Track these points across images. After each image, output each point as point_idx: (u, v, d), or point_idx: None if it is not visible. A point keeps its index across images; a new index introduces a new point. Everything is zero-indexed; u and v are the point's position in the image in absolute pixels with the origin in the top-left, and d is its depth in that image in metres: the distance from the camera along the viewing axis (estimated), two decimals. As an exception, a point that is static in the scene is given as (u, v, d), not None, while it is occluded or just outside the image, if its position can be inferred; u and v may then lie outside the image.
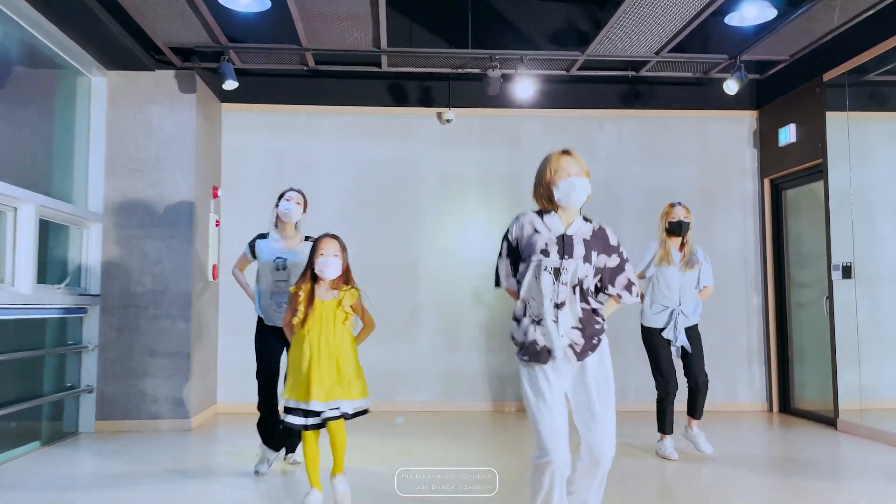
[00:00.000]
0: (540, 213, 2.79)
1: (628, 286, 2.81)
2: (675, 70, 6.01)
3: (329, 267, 3.41)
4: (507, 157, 6.79)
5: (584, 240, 2.71)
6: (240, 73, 6.43)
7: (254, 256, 4.32)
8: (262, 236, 4.35)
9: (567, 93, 6.74)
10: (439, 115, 6.73)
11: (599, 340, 2.74)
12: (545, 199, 2.79)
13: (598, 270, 2.73)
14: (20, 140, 4.87)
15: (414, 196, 6.74)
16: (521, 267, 2.74)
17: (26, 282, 4.47)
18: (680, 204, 4.83)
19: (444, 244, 6.72)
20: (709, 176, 6.89)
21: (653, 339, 4.73)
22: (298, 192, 4.42)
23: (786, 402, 6.59)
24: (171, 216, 5.65)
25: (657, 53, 5.46)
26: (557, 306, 2.64)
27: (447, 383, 6.64)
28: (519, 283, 2.74)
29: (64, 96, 5.45)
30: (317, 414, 3.34)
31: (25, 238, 4.48)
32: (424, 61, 5.86)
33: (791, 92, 6.28)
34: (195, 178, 5.72)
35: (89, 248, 5.52)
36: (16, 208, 4.47)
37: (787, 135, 6.30)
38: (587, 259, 2.68)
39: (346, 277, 3.52)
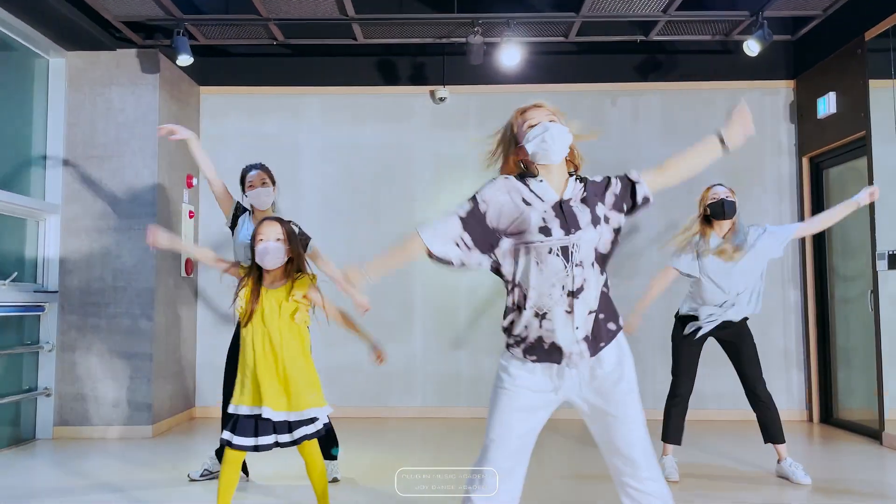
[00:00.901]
0: (522, 178, 2.16)
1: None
2: (691, 33, 5.25)
3: (269, 255, 2.88)
4: (507, 137, 6.14)
5: (583, 199, 2.14)
6: (216, 54, 6.03)
7: (234, 224, 3.81)
8: (245, 210, 3.85)
9: (574, 65, 6.06)
10: (432, 94, 6.15)
11: (619, 326, 2.18)
12: (515, 165, 2.22)
13: (613, 217, 2.18)
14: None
15: (406, 182, 6.18)
16: (508, 247, 2.11)
17: (-50, 277, 4.11)
18: (721, 185, 4.05)
19: (439, 234, 6.14)
20: (738, 155, 5.99)
21: (680, 333, 4.03)
22: (260, 168, 3.93)
23: (828, 412, 5.77)
24: (131, 206, 5.24)
25: (665, 12, 4.73)
26: (572, 294, 2.05)
27: (442, 387, 6.06)
28: (498, 269, 2.14)
29: (19, 79, 5.11)
30: (268, 431, 2.80)
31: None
32: (403, 30, 5.28)
33: (831, 55, 5.45)
34: (158, 164, 5.29)
35: (46, 242, 5.17)
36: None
37: (827, 105, 5.47)
38: (595, 221, 2.12)
39: (297, 266, 2.97)
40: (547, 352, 2.08)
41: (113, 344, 5.17)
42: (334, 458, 3.72)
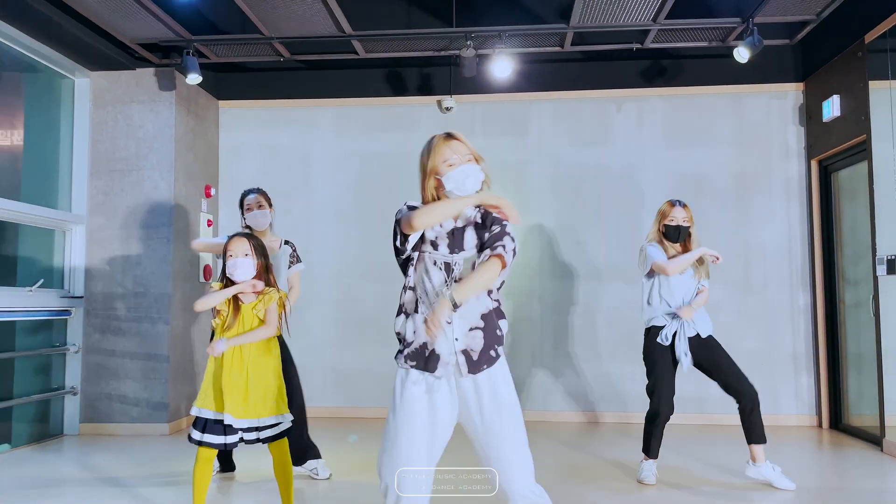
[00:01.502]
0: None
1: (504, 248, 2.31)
2: (686, 39, 5.28)
3: (238, 269, 3.12)
4: (513, 144, 6.27)
5: (476, 224, 2.35)
6: (231, 70, 6.31)
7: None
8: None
9: (579, 72, 6.14)
10: (439, 104, 6.31)
11: (498, 354, 2.31)
12: (433, 193, 2.41)
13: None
14: (4, 145, 4.93)
15: (414, 188, 6.31)
16: (408, 249, 2.33)
17: (-22, 285, 4.47)
18: (680, 203, 4.12)
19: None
20: (746, 158, 6.08)
21: (652, 348, 4.05)
22: (257, 193, 4.18)
23: (837, 417, 5.70)
24: (150, 216, 5.56)
25: (655, 20, 4.78)
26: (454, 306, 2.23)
27: (450, 389, 6.22)
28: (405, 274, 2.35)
29: (46, 99, 5.48)
30: (234, 431, 3.04)
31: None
32: (401, 45, 5.46)
33: (835, 58, 5.40)
34: (175, 176, 5.60)
35: (73, 251, 5.52)
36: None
37: (831, 108, 5.42)
38: (482, 248, 2.32)
39: (265, 279, 3.19)
40: (426, 358, 2.24)
41: (133, 346, 5.50)
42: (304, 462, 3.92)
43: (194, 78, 5.24)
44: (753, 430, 3.92)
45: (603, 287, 6.09)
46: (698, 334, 4.00)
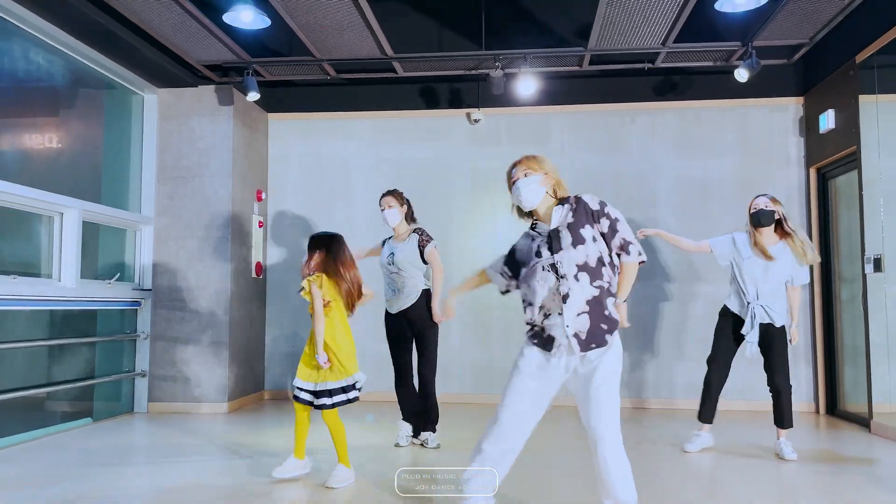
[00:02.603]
0: (532, 223, 2.98)
1: (624, 246, 2.80)
2: (692, 60, 5.84)
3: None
4: (536, 152, 6.80)
5: (569, 224, 2.80)
6: (277, 85, 6.95)
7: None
8: (389, 237, 4.88)
9: (595, 87, 6.71)
10: (468, 116, 6.92)
11: (610, 335, 2.76)
12: (514, 210, 3.04)
13: (597, 243, 2.78)
14: (80, 153, 5.60)
15: (446, 193, 6.97)
16: (522, 272, 2.90)
17: (70, 277, 5.14)
18: (765, 195, 4.65)
19: (474, 239, 6.90)
20: (750, 166, 6.62)
21: (720, 324, 4.69)
22: (386, 195, 4.78)
23: (833, 404, 6.22)
24: (210, 218, 6.22)
25: (664, 44, 5.36)
26: (563, 298, 2.73)
27: (477, 376, 6.81)
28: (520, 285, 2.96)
29: (120, 113, 6.17)
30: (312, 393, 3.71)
31: (70, 239, 5.15)
32: (436, 65, 6.07)
33: (830, 76, 5.93)
34: (233, 182, 6.26)
35: (142, 249, 6.19)
36: (62, 213, 5.15)
37: (827, 121, 5.95)
38: (577, 242, 2.74)
39: (310, 270, 3.80)
40: (545, 340, 2.80)
41: (195, 334, 6.15)
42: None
43: (253, 96, 5.89)
44: (776, 415, 4.60)
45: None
46: (772, 323, 4.51)
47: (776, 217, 4.52)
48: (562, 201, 2.90)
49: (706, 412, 4.72)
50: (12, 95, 4.91)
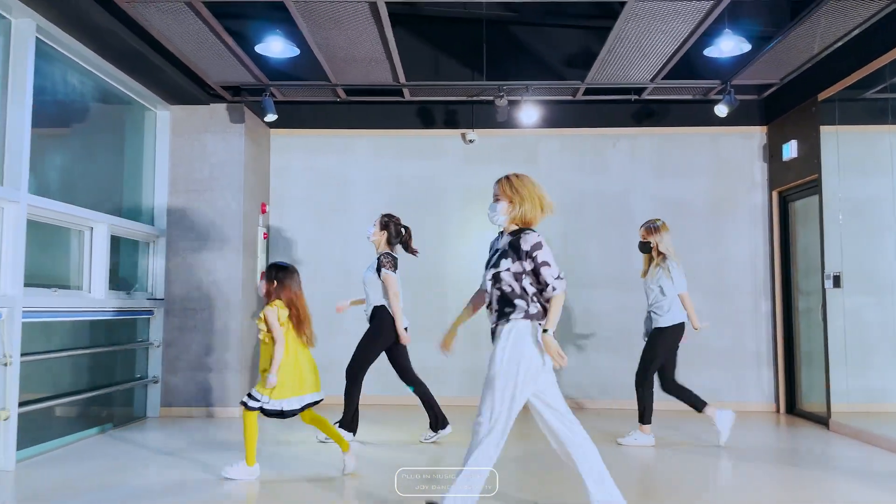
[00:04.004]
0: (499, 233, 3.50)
1: (544, 286, 3.20)
2: (675, 93, 6.45)
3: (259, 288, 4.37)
4: (525, 171, 7.31)
5: (499, 249, 3.30)
6: (284, 104, 7.26)
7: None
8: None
9: (582, 112, 7.26)
10: (463, 136, 7.38)
11: (508, 321, 3.22)
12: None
13: (516, 275, 3.23)
14: (100, 167, 5.82)
15: (440, 209, 7.41)
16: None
17: (100, 289, 5.37)
18: (644, 225, 5.53)
19: (467, 252, 7.35)
20: (720, 188, 7.28)
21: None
22: (377, 220, 5.46)
23: (792, 404, 6.92)
24: (222, 230, 6.50)
25: (653, 80, 5.93)
26: (488, 305, 3.36)
27: (469, 379, 7.27)
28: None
29: (134, 128, 6.39)
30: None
31: (99, 252, 5.38)
32: (442, 91, 6.52)
33: (792, 110, 6.62)
34: (244, 196, 6.55)
35: (155, 259, 6.43)
36: (92, 228, 5.37)
37: (790, 150, 6.64)
38: (494, 265, 3.27)
39: (266, 299, 4.25)
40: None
41: (206, 342, 6.42)
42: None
43: (271, 117, 6.21)
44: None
45: (600, 293, 7.22)
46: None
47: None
48: (515, 231, 3.27)
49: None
50: (38, 110, 5.11)
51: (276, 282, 4.21)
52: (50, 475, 4.29)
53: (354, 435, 5.24)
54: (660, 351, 5.34)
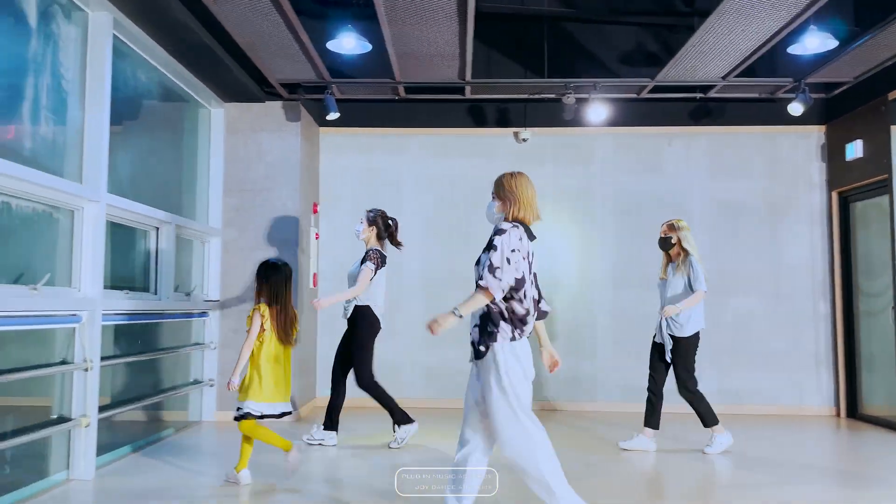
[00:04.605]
0: None
1: (481, 274, 2.97)
2: (742, 91, 6.34)
3: None
4: (578, 172, 7.26)
5: (486, 248, 3.08)
6: (338, 102, 7.13)
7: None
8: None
9: (637, 111, 7.14)
10: (515, 135, 7.25)
11: (487, 348, 2.94)
12: None
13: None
14: (157, 166, 5.68)
15: (493, 210, 7.26)
16: None
17: (166, 290, 5.23)
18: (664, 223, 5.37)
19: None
20: (776, 188, 7.17)
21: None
22: (363, 217, 5.28)
23: (853, 408, 6.81)
24: (278, 231, 6.36)
25: (724, 78, 5.82)
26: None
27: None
28: None
29: (189, 126, 6.25)
30: None
31: (166, 253, 5.25)
32: (505, 89, 6.40)
33: (857, 109, 6.52)
34: (299, 196, 6.42)
35: (210, 260, 6.29)
36: (157, 228, 5.23)
37: (854, 150, 6.54)
38: (477, 261, 3.11)
39: (256, 299, 4.17)
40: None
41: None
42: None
43: (333, 115, 6.07)
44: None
45: (653, 295, 7.08)
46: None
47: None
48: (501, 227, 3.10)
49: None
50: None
51: (264, 281, 4.11)
52: (130, 484, 4.15)
53: (413, 422, 5.18)
54: (691, 359, 5.18)
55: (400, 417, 5.14)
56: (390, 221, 5.32)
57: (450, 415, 6.54)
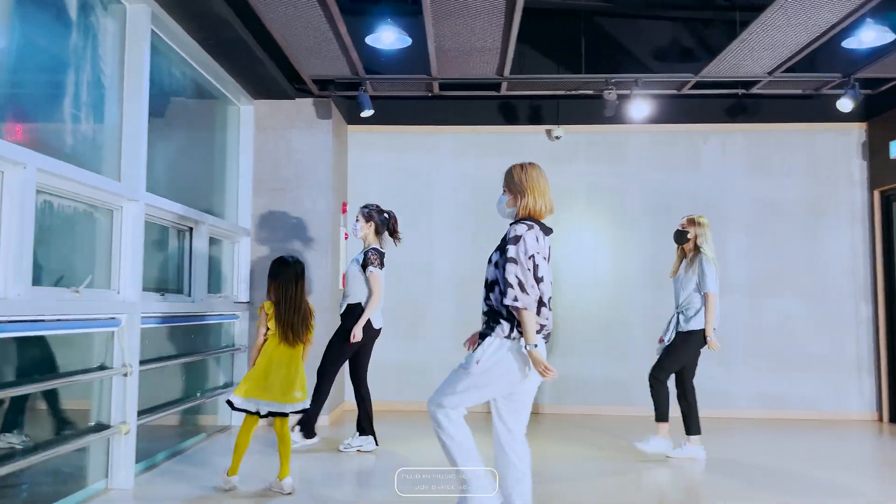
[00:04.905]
0: None
1: (503, 289, 2.97)
2: (785, 88, 6.17)
3: None
4: (613, 170, 7.10)
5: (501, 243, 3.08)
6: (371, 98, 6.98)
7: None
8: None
9: (672, 108, 6.96)
10: (548, 132, 7.09)
11: (483, 338, 3.05)
12: None
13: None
14: (187, 163, 5.53)
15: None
16: None
17: (200, 292, 5.09)
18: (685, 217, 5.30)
19: (553, 253, 7.06)
20: (816, 187, 7.00)
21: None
22: (359, 214, 5.18)
23: (896, 412, 6.64)
24: (309, 231, 6.21)
25: (770, 73, 5.65)
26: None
27: (555, 386, 6.98)
28: None
29: (219, 123, 6.10)
30: None
31: (200, 254, 5.10)
32: (541, 85, 6.24)
33: (903, 105, 6.35)
34: (330, 195, 6.27)
35: (239, 260, 6.14)
36: (191, 228, 5.09)
37: (899, 148, 6.37)
38: (490, 260, 3.12)
39: (268, 295, 4.10)
40: None
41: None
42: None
43: (367, 112, 5.91)
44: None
45: (693, 298, 6.92)
46: None
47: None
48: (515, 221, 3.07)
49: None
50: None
51: (272, 278, 4.04)
52: (171, 493, 4.00)
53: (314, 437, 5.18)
54: (684, 357, 5.04)
55: (311, 427, 5.14)
56: (386, 215, 5.18)
57: (476, 417, 6.40)
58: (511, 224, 3.07)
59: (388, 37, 4.98)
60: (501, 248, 3.01)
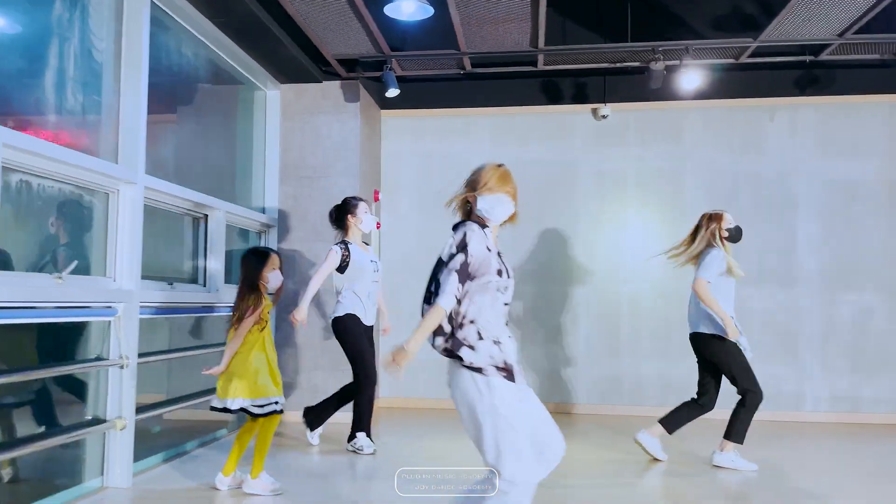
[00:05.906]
0: (482, 226, 2.61)
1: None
2: (860, 52, 5.49)
3: (279, 279, 3.80)
4: (666, 152, 6.54)
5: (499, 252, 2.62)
6: (398, 80, 6.64)
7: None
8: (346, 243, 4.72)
9: (732, 81, 6.34)
10: (594, 112, 6.59)
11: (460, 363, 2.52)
12: (464, 209, 2.69)
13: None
14: (208, 151, 5.33)
15: (568, 196, 6.65)
16: (469, 286, 2.48)
17: (217, 282, 4.86)
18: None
19: (600, 245, 6.58)
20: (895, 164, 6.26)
21: (727, 348, 4.40)
22: (367, 208, 4.89)
23: None
24: (338, 220, 5.91)
25: (840, 35, 5.01)
26: (507, 324, 2.56)
27: (605, 387, 6.49)
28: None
29: (243, 109, 5.89)
30: None
31: (216, 242, 4.88)
32: (582, 57, 5.76)
33: None
34: (360, 182, 5.97)
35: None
36: (206, 215, 4.87)
37: None
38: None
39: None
40: (513, 372, 2.48)
41: (319, 340, 5.88)
42: None
43: (393, 92, 5.59)
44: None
45: (758, 291, 6.29)
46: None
47: None
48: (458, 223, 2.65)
49: None
50: (155, 90, 4.64)
51: (242, 273, 3.77)
52: (170, 493, 3.77)
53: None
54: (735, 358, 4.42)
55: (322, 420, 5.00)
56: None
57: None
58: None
59: (407, 6, 4.62)
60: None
